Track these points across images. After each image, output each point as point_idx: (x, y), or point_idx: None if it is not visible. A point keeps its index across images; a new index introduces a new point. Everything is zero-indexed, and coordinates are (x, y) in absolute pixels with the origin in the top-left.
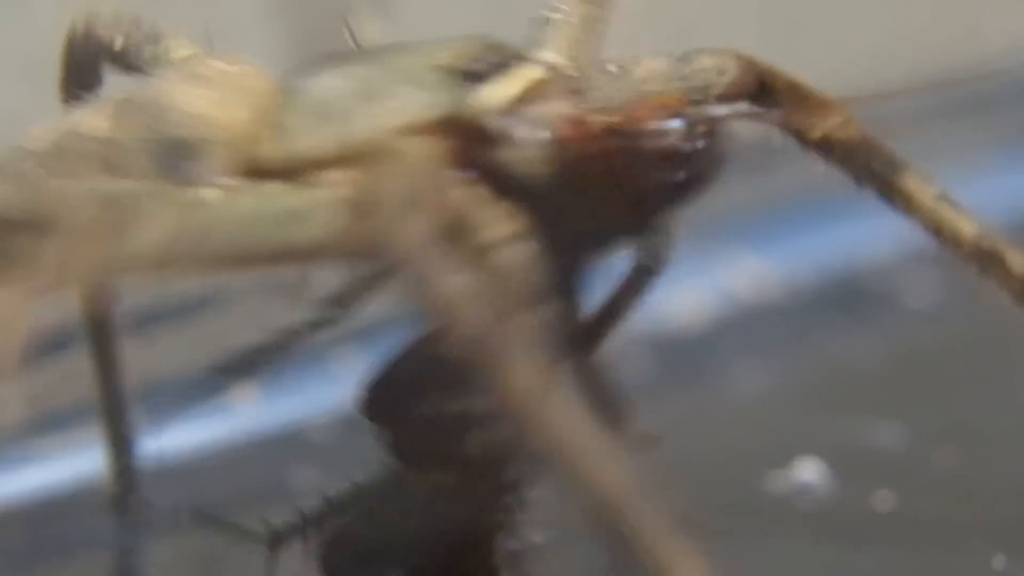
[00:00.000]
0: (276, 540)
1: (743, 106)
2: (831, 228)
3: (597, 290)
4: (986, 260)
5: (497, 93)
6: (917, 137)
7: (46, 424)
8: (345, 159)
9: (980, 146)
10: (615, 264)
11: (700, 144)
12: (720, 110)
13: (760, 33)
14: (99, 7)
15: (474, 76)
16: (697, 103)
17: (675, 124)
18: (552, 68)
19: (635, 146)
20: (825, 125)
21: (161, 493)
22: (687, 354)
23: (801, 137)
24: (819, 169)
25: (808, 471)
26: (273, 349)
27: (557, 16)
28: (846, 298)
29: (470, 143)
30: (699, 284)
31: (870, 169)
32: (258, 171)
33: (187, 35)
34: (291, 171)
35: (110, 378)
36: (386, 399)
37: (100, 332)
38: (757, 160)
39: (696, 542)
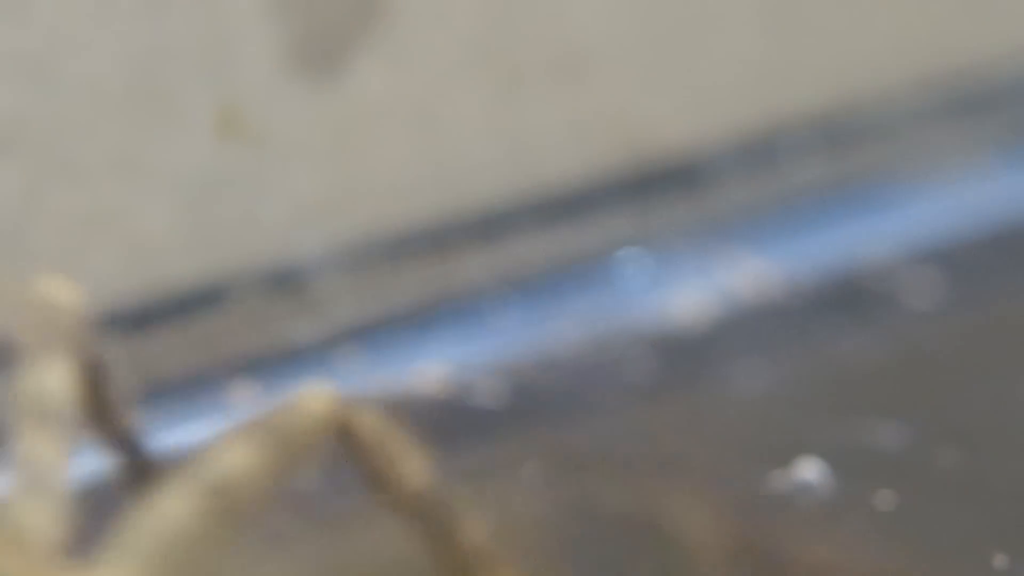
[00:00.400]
0: None
1: None
2: (832, 229)
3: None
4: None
5: None
6: (918, 137)
7: None
8: None
9: (980, 146)
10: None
11: None
12: None
13: (760, 35)
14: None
15: None
16: None
17: None
18: None
19: None
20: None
21: None
22: (689, 354)
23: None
24: (819, 170)
25: (809, 470)
26: None
27: None
28: (847, 298)
29: None
30: (700, 284)
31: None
32: None
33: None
34: None
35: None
36: None
37: None
38: None
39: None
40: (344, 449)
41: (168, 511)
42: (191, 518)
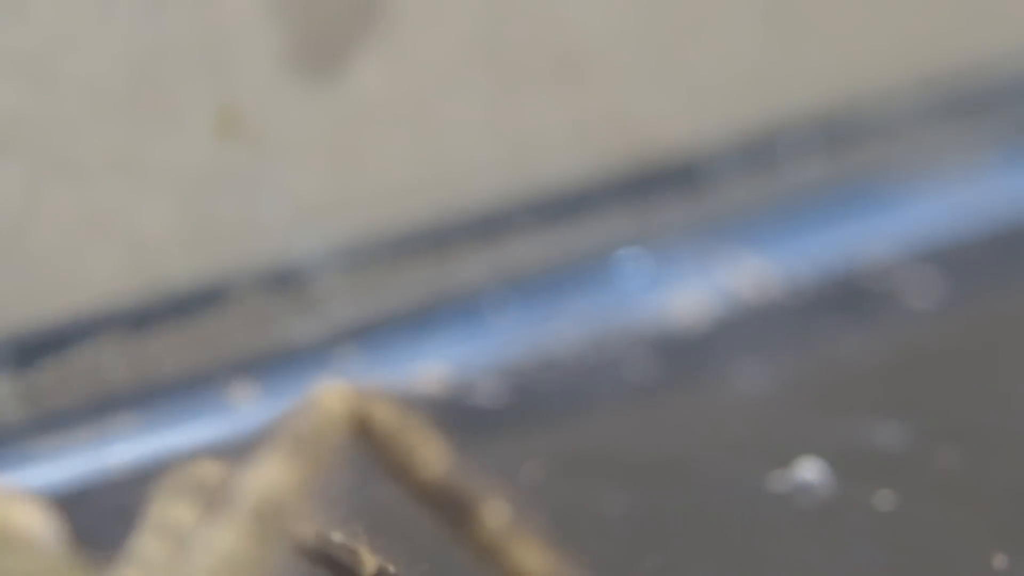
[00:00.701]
0: None
1: None
2: (832, 228)
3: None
4: None
5: None
6: (917, 137)
7: (46, 424)
8: None
9: (980, 146)
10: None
11: None
12: None
13: (760, 35)
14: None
15: None
16: None
17: None
18: None
19: None
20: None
21: None
22: (688, 354)
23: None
24: (819, 170)
25: (809, 470)
26: None
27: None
28: (847, 298)
29: None
30: (700, 284)
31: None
32: None
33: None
34: None
35: None
36: None
37: None
38: None
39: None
40: (363, 442)
41: (217, 545)
42: (240, 546)
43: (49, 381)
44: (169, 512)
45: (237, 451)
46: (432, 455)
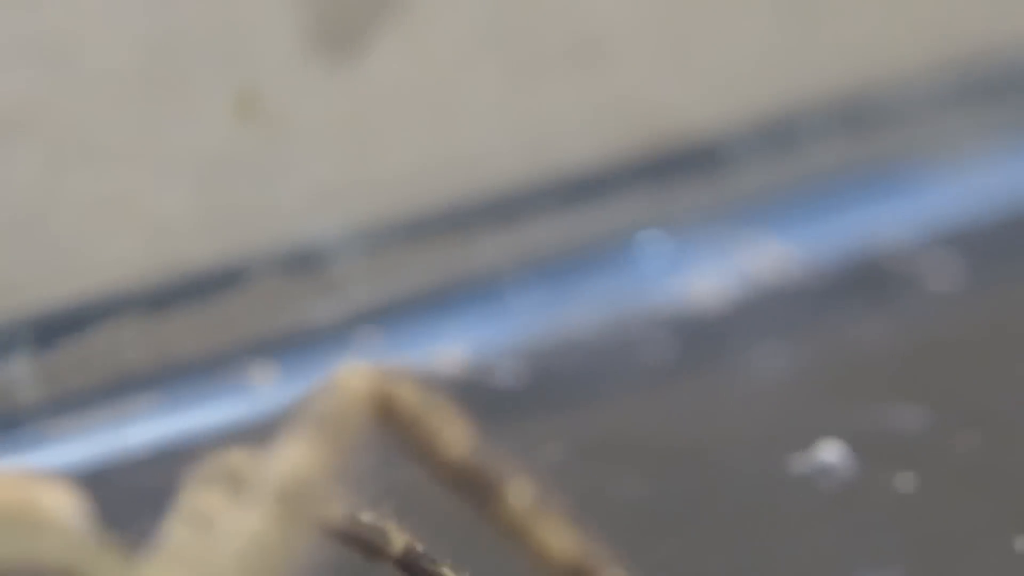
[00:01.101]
0: None
1: None
2: (853, 211)
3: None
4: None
5: None
6: (937, 120)
7: (65, 405)
8: None
9: (999, 129)
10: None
11: None
12: None
13: (779, 19)
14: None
15: None
16: None
17: None
18: None
19: None
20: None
21: (180, 474)
22: (709, 337)
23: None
24: (839, 153)
25: (830, 453)
26: None
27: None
28: (868, 281)
29: None
30: (720, 267)
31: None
32: None
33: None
34: None
35: None
36: None
37: None
38: None
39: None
40: (386, 423)
41: (245, 528)
42: (268, 529)
43: (69, 362)
44: (199, 501)
45: (256, 432)
46: (455, 436)
